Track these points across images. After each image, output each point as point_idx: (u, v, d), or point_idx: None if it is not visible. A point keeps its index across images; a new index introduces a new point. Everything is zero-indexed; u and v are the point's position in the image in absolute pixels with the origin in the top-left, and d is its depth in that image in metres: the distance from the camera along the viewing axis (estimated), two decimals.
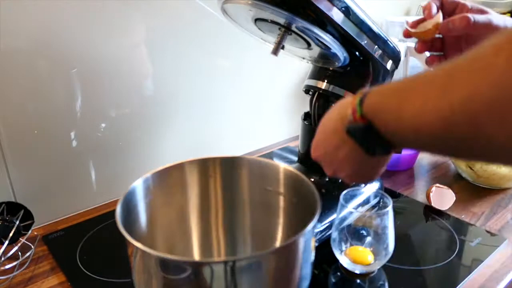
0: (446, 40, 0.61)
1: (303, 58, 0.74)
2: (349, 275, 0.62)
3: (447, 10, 0.60)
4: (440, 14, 0.58)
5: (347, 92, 0.69)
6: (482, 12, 0.57)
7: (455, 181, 0.89)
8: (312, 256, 0.48)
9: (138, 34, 0.79)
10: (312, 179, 0.76)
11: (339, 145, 0.46)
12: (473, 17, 0.55)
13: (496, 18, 0.56)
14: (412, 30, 0.61)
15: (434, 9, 0.59)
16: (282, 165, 0.57)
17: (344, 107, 0.44)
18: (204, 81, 0.91)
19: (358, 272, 0.61)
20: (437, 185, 0.79)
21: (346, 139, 0.44)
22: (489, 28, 0.55)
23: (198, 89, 0.91)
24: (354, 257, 0.60)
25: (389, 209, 0.59)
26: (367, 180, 0.53)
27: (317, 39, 0.60)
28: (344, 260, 0.61)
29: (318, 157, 0.51)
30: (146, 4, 0.78)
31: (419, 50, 0.62)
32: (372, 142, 0.41)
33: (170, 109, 0.88)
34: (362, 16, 0.61)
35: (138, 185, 0.53)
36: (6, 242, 0.64)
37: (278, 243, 0.59)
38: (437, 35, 0.60)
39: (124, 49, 0.78)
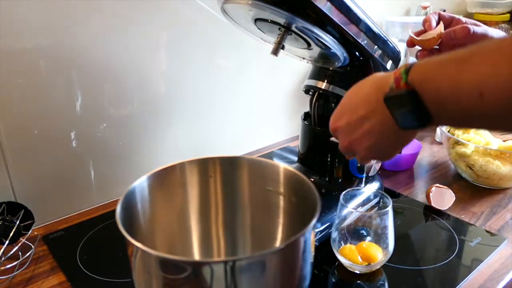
0: (443, 50, 0.64)
1: (303, 58, 0.74)
2: (349, 275, 0.62)
3: (444, 23, 0.64)
4: (442, 25, 0.63)
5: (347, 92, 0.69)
6: (476, 25, 0.62)
7: (455, 181, 0.89)
8: (312, 256, 0.48)
9: (138, 35, 0.79)
10: (312, 179, 0.76)
11: (367, 116, 0.44)
12: (472, 28, 0.60)
13: (491, 30, 0.61)
14: (417, 38, 0.64)
15: (433, 21, 0.64)
16: (282, 165, 0.57)
17: (383, 79, 0.43)
18: (204, 81, 0.91)
19: (357, 272, 0.61)
20: (437, 185, 0.79)
21: (378, 110, 0.42)
22: (486, 38, 0.59)
23: (198, 89, 0.91)
24: (363, 253, 0.60)
25: (389, 209, 0.59)
26: (383, 158, 0.51)
27: (317, 39, 0.60)
28: (344, 260, 0.61)
29: (338, 127, 0.49)
30: (147, 4, 0.78)
31: (420, 58, 0.66)
32: (410, 113, 0.39)
33: (170, 109, 0.88)
34: (362, 16, 0.61)
35: (138, 185, 0.53)
36: (7, 242, 0.64)
37: (278, 243, 0.59)
38: (435, 47, 0.64)
39: (124, 49, 0.79)
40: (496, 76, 0.32)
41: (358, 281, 0.61)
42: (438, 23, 0.65)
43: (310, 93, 0.74)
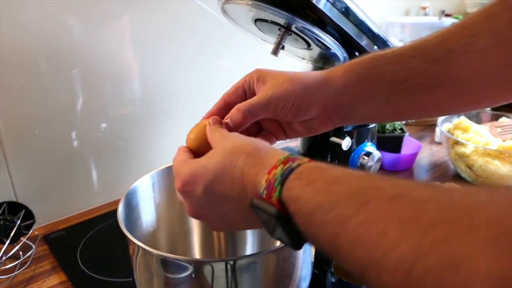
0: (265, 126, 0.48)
1: (303, 58, 0.74)
2: (348, 275, 0.62)
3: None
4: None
5: None
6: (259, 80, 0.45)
7: (455, 181, 0.89)
8: (312, 256, 0.48)
9: (138, 34, 0.80)
10: None
11: (227, 198, 0.35)
12: (247, 108, 0.42)
13: (275, 86, 0.43)
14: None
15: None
16: None
17: (255, 167, 0.33)
18: (204, 81, 0.92)
19: None
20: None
21: (242, 199, 0.34)
22: (278, 106, 0.43)
23: (198, 89, 0.91)
24: None
25: None
26: (232, 231, 0.46)
27: (317, 39, 0.60)
28: None
29: (188, 193, 0.37)
30: (147, 4, 0.78)
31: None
32: (280, 232, 0.32)
33: (170, 109, 0.89)
34: (361, 16, 0.61)
35: (139, 185, 0.53)
36: (7, 242, 0.64)
37: (278, 243, 0.59)
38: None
39: (125, 49, 0.79)
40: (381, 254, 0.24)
41: (357, 281, 0.62)
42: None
43: None
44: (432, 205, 0.23)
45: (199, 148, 0.42)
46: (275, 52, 0.63)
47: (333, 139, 0.71)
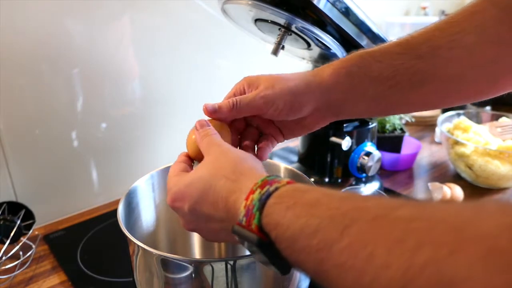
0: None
1: (303, 58, 0.74)
2: None
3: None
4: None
5: None
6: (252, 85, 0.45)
7: (454, 181, 0.89)
8: None
9: (138, 34, 0.80)
10: (313, 179, 0.76)
11: (213, 218, 0.36)
12: (238, 101, 0.44)
13: (267, 87, 0.43)
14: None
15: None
16: (283, 165, 0.57)
17: (235, 187, 0.33)
18: (204, 80, 0.92)
19: None
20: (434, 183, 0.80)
21: (225, 219, 0.34)
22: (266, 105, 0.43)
23: (198, 89, 0.91)
24: None
25: None
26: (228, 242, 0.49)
27: (316, 39, 0.60)
28: None
29: (179, 209, 0.38)
30: (147, 4, 0.78)
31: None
32: (264, 260, 0.31)
33: (170, 109, 0.89)
34: (361, 16, 0.61)
35: (140, 185, 0.53)
36: (7, 242, 0.64)
37: None
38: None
39: (125, 49, 0.79)
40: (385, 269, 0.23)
41: None
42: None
43: None
44: (418, 225, 0.22)
45: (197, 154, 0.43)
46: (275, 52, 0.63)
47: (333, 139, 0.71)
